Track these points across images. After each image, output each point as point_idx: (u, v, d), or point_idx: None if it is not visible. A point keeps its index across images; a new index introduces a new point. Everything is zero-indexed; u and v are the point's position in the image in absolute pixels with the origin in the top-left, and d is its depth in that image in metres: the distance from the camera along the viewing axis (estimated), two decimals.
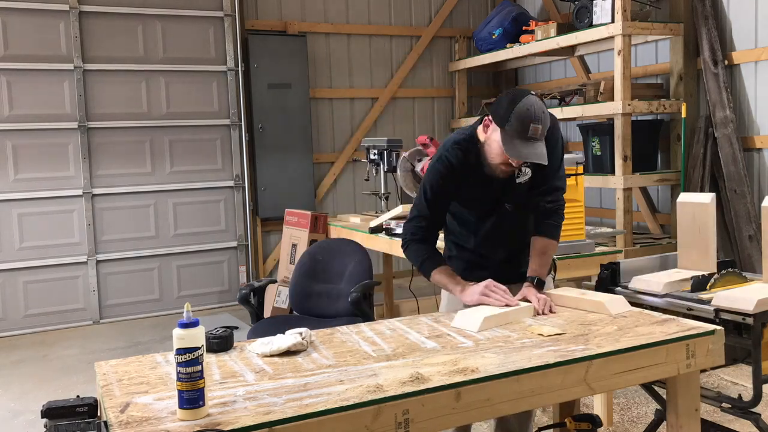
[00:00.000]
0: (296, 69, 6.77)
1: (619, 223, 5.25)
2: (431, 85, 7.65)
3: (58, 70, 6.06)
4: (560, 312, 2.50)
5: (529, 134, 2.41)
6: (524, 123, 2.40)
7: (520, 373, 1.91)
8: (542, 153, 2.45)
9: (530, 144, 2.42)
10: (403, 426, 1.75)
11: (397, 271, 6.31)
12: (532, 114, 2.41)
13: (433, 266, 2.63)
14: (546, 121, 2.45)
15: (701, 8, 5.32)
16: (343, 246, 4.10)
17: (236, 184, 6.73)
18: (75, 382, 4.69)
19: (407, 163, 4.50)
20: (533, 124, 2.40)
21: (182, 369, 1.69)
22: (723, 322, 2.37)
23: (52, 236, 6.09)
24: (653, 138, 5.73)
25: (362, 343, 2.22)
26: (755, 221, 4.97)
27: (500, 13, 6.88)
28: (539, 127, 2.41)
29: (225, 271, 6.77)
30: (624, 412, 3.80)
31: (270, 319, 4.10)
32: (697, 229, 2.83)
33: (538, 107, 2.44)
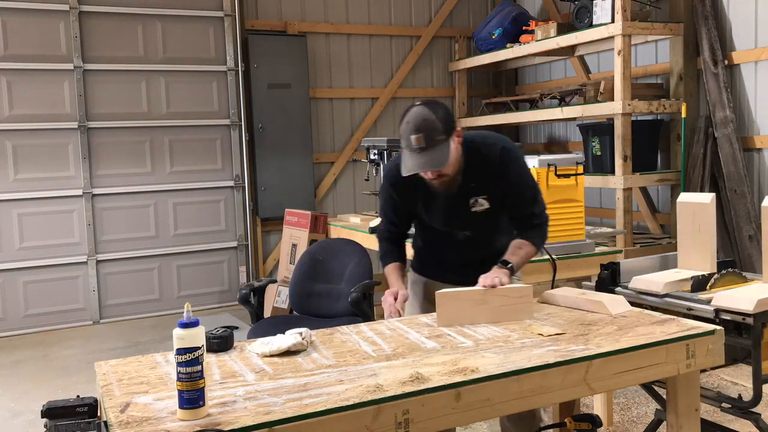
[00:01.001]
0: (296, 69, 6.77)
1: (619, 223, 5.25)
2: (431, 85, 7.65)
3: (58, 70, 6.06)
4: (560, 312, 2.50)
5: (413, 145, 2.44)
6: (405, 136, 2.47)
7: (520, 373, 1.91)
8: (431, 161, 2.44)
9: (416, 155, 2.45)
10: (403, 426, 1.75)
11: None
12: (410, 126, 2.44)
13: (387, 262, 2.85)
14: (432, 126, 2.42)
15: (701, 8, 5.32)
16: (343, 246, 4.10)
17: (236, 184, 6.73)
18: (75, 382, 4.70)
19: None
20: (412, 135, 2.43)
21: (182, 369, 1.69)
22: (723, 322, 2.37)
23: (52, 236, 6.09)
24: (653, 138, 5.73)
25: (362, 343, 2.22)
26: (755, 221, 4.97)
27: (500, 13, 6.88)
28: (420, 135, 2.42)
29: (225, 271, 6.77)
30: (624, 412, 3.80)
31: (270, 319, 4.11)
32: (697, 229, 2.83)
33: (418, 116, 2.44)
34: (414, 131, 2.42)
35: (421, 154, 2.44)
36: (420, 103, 2.50)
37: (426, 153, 2.43)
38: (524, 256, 2.64)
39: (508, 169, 2.60)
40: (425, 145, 2.42)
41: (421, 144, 2.42)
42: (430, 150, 2.43)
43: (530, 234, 2.67)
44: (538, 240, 2.69)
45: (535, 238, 2.68)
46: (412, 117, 2.46)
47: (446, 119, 2.48)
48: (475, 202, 2.63)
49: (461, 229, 2.71)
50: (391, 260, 2.83)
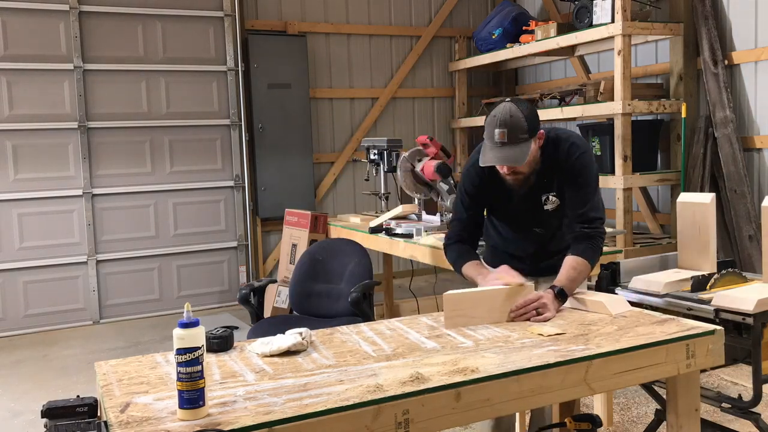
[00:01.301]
0: (296, 69, 6.77)
1: (619, 223, 5.25)
2: (431, 85, 7.65)
3: (58, 70, 6.06)
4: (560, 312, 2.50)
5: (496, 139, 2.49)
6: (489, 129, 2.52)
7: (520, 373, 1.91)
8: (510, 156, 2.49)
9: (497, 148, 2.50)
10: (403, 426, 1.75)
11: (397, 271, 6.31)
12: (497, 120, 2.50)
13: (463, 263, 2.72)
14: (516, 124, 2.47)
15: (701, 8, 5.32)
16: (343, 246, 4.10)
17: (236, 184, 6.73)
18: (75, 382, 4.70)
19: (407, 163, 4.50)
20: (497, 129, 2.48)
21: (182, 369, 1.69)
22: (723, 322, 2.37)
23: (52, 236, 6.09)
24: (653, 138, 5.73)
25: (362, 343, 2.22)
26: (755, 221, 4.97)
27: (500, 13, 6.88)
28: (504, 131, 2.47)
29: (225, 271, 6.77)
30: (624, 412, 3.80)
31: (270, 319, 4.10)
32: (697, 229, 2.83)
33: (505, 112, 2.49)
34: (499, 125, 2.48)
35: (502, 149, 2.50)
36: (510, 100, 2.55)
37: (507, 148, 2.49)
38: (578, 278, 2.57)
39: (573, 164, 2.63)
40: (507, 140, 2.48)
41: (503, 139, 2.48)
42: (512, 146, 2.49)
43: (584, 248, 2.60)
44: (592, 256, 2.61)
45: (590, 252, 2.60)
46: (500, 111, 2.51)
47: (532, 119, 2.53)
48: (547, 199, 2.68)
49: (535, 227, 2.76)
50: (469, 259, 2.71)
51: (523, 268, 2.73)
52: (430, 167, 4.26)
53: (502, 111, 2.50)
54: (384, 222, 4.59)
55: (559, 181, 2.68)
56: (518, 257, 2.86)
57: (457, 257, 2.75)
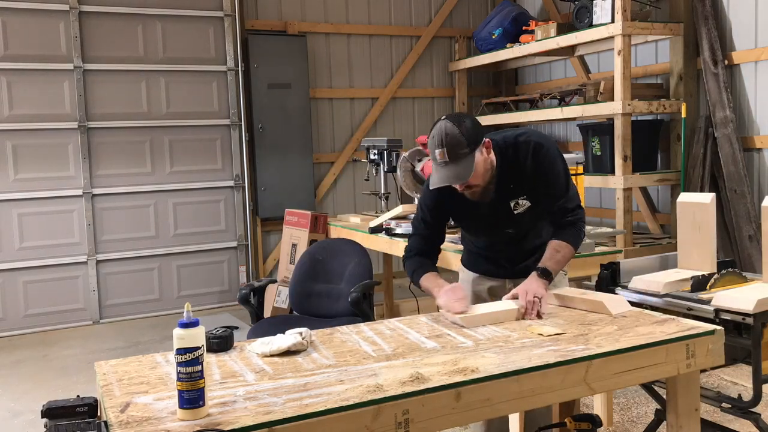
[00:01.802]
0: (296, 69, 6.77)
1: (619, 223, 5.25)
2: (431, 85, 7.65)
3: (58, 70, 6.06)
4: (560, 312, 2.50)
5: (438, 160, 2.49)
6: (431, 150, 2.52)
7: (520, 373, 1.91)
8: (454, 174, 2.48)
9: (441, 168, 2.50)
10: (403, 426, 1.75)
11: (397, 271, 6.30)
12: (435, 141, 2.49)
13: (420, 275, 2.71)
14: (454, 141, 2.45)
15: (701, 8, 5.32)
16: (343, 246, 4.10)
17: (236, 184, 6.73)
18: (75, 382, 4.69)
19: (407, 163, 4.50)
20: (436, 149, 2.48)
21: (182, 369, 1.69)
22: (723, 322, 2.37)
23: (52, 236, 6.09)
24: (653, 138, 5.73)
25: (362, 343, 2.22)
26: (755, 221, 4.97)
27: (500, 13, 6.88)
28: (443, 150, 2.46)
29: (225, 271, 6.77)
30: (624, 412, 3.80)
31: (270, 319, 4.10)
32: (697, 229, 2.83)
33: (441, 132, 2.47)
34: (437, 146, 2.47)
35: (445, 168, 2.49)
36: (445, 118, 2.53)
37: (450, 167, 2.48)
38: (561, 260, 2.63)
39: (538, 163, 2.62)
40: (448, 159, 2.47)
41: (444, 158, 2.47)
42: (454, 164, 2.47)
43: (566, 233, 2.67)
44: (575, 239, 2.67)
45: (572, 237, 2.67)
46: (436, 131, 2.50)
47: (470, 133, 2.49)
48: (517, 204, 2.67)
49: (505, 228, 2.75)
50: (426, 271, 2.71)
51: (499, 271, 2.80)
52: (430, 167, 4.26)
53: (438, 131, 2.48)
54: (384, 222, 4.59)
55: (527, 184, 2.65)
56: (494, 260, 2.86)
57: (415, 269, 2.74)
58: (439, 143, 2.47)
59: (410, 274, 2.78)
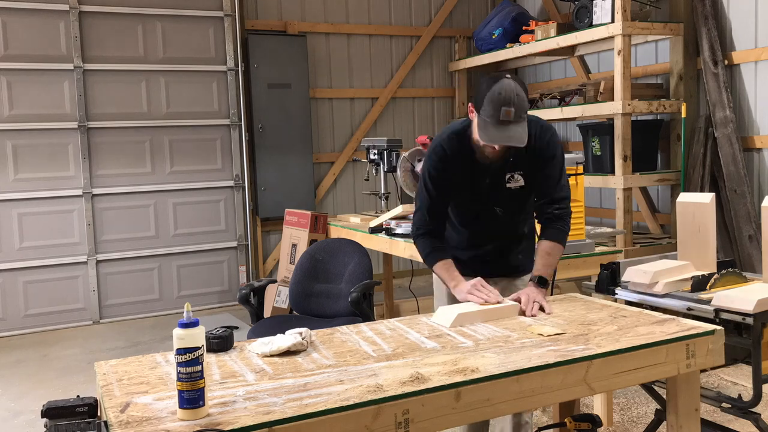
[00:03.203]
0: (296, 69, 6.77)
1: (619, 223, 5.24)
2: (431, 85, 7.65)
3: (58, 70, 6.06)
4: (560, 312, 2.50)
5: (502, 117, 2.43)
6: (496, 107, 2.43)
7: (520, 373, 1.91)
8: (517, 136, 2.45)
9: (504, 127, 2.44)
10: (403, 426, 1.75)
11: (397, 271, 6.31)
12: (503, 97, 2.42)
13: (435, 260, 2.70)
14: (522, 103, 2.45)
15: (701, 8, 5.32)
16: (343, 246, 4.10)
17: (236, 184, 6.73)
18: (75, 382, 4.69)
19: (407, 163, 4.50)
20: (504, 107, 2.41)
21: (182, 369, 1.69)
22: (723, 322, 2.37)
23: (52, 236, 6.09)
24: (653, 138, 5.73)
25: (362, 343, 2.22)
26: (755, 221, 4.97)
27: (500, 13, 6.88)
28: (511, 110, 2.42)
29: (225, 271, 6.77)
30: (624, 412, 3.80)
31: (270, 319, 4.10)
32: (697, 229, 2.83)
33: (511, 90, 2.44)
34: (506, 103, 2.42)
35: (509, 128, 2.44)
36: (509, 77, 2.49)
37: (512, 127, 2.44)
38: (553, 262, 2.69)
39: (542, 146, 2.64)
40: (513, 119, 2.43)
41: (510, 117, 2.42)
42: (517, 124, 2.45)
43: (554, 231, 2.69)
44: (562, 237, 2.70)
45: (560, 235, 2.69)
46: (505, 89, 2.44)
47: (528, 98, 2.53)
48: (511, 177, 2.66)
49: (495, 205, 2.73)
50: (441, 257, 2.69)
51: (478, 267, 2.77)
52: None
53: (508, 88, 2.43)
54: (384, 222, 4.59)
55: (528, 163, 2.65)
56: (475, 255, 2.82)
57: (430, 251, 2.72)
58: (509, 101, 2.41)
59: (423, 255, 2.75)
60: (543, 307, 2.50)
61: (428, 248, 2.72)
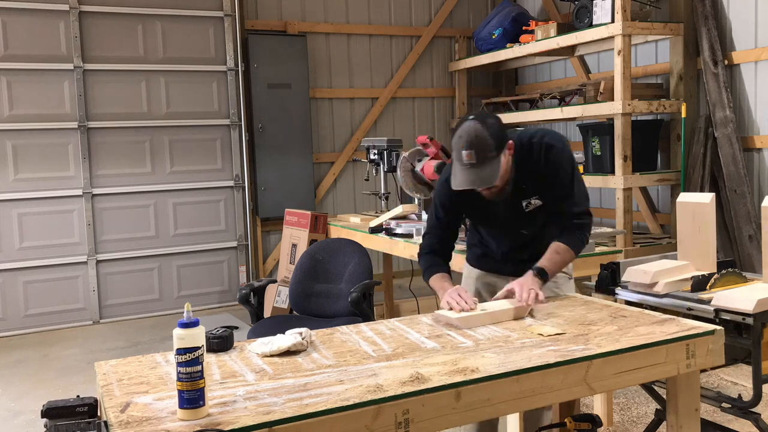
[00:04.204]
0: (296, 69, 6.77)
1: (619, 223, 5.24)
2: (431, 85, 7.65)
3: (58, 70, 6.06)
4: (560, 312, 2.50)
5: (464, 161, 2.45)
6: (456, 150, 2.48)
7: (520, 373, 1.91)
8: (480, 178, 2.46)
9: (467, 171, 2.46)
10: (403, 426, 1.75)
11: (397, 271, 6.31)
12: (463, 141, 2.45)
13: (431, 274, 2.77)
14: (482, 145, 2.43)
15: (701, 8, 5.32)
16: (343, 246, 4.10)
17: (236, 184, 6.73)
18: (75, 382, 4.69)
19: (407, 163, 4.50)
20: (464, 150, 2.44)
21: (182, 369, 1.69)
22: (723, 322, 2.37)
23: (52, 236, 6.09)
24: (653, 138, 5.73)
25: (362, 343, 2.22)
26: (755, 221, 4.97)
27: (500, 13, 6.88)
28: (471, 152, 2.43)
29: (225, 271, 6.77)
30: (624, 412, 3.80)
31: (270, 319, 4.10)
32: (697, 229, 2.83)
33: (470, 133, 2.44)
34: (465, 147, 2.44)
35: (471, 170, 2.46)
36: (473, 118, 2.50)
37: (477, 169, 2.46)
38: (560, 262, 2.63)
39: (547, 162, 2.61)
40: (476, 161, 2.44)
41: (471, 160, 2.44)
42: (481, 166, 2.45)
43: (568, 236, 2.65)
44: (576, 244, 2.66)
45: (573, 240, 2.65)
46: (464, 132, 2.46)
47: (498, 136, 2.48)
48: (529, 203, 2.66)
49: (518, 228, 2.74)
50: (437, 271, 2.75)
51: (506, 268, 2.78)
52: (430, 167, 4.26)
53: (467, 131, 2.45)
54: (384, 222, 4.60)
55: (539, 183, 2.65)
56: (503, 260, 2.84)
57: (427, 267, 2.80)
58: (468, 144, 2.43)
59: (423, 271, 2.83)
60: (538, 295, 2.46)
61: (427, 265, 2.81)
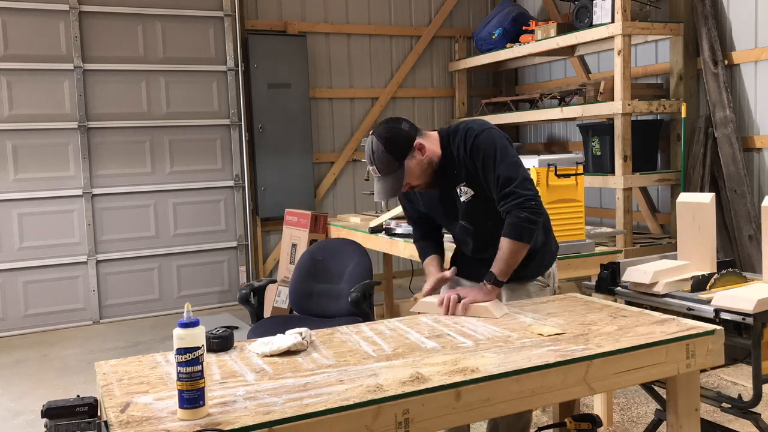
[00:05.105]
0: (296, 69, 6.77)
1: (619, 223, 5.25)
2: (431, 85, 7.65)
3: (58, 70, 6.06)
4: (560, 312, 2.50)
5: (373, 174, 2.63)
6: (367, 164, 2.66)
7: (520, 373, 1.91)
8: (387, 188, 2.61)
9: (378, 182, 2.64)
10: (403, 426, 1.75)
11: (397, 271, 6.31)
12: (366, 156, 2.63)
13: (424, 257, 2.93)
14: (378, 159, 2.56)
15: (701, 8, 5.32)
16: (343, 246, 4.10)
17: (236, 184, 6.73)
18: (75, 382, 4.69)
19: None
20: (369, 165, 2.62)
21: (182, 369, 1.69)
22: (723, 322, 2.37)
23: (52, 236, 6.09)
24: (653, 138, 5.73)
25: (362, 343, 2.22)
26: (755, 221, 4.97)
27: (500, 13, 6.88)
28: (373, 167, 2.59)
29: (225, 271, 6.77)
30: (624, 412, 3.80)
31: (270, 319, 4.10)
32: (697, 229, 2.83)
33: (368, 149, 2.61)
34: (368, 162, 2.61)
35: (380, 182, 2.62)
36: (373, 132, 2.62)
37: (382, 181, 2.60)
38: (507, 258, 2.52)
39: (469, 147, 2.60)
40: (380, 174, 2.59)
41: (376, 174, 2.60)
42: (386, 177, 2.59)
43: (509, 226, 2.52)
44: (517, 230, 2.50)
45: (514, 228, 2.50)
46: (367, 148, 2.62)
47: (395, 146, 2.56)
48: (461, 190, 2.67)
49: (459, 220, 2.75)
50: (428, 253, 2.90)
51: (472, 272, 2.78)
52: None
53: (367, 148, 2.61)
54: (384, 222, 4.60)
55: (467, 171, 2.61)
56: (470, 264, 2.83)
57: (420, 252, 2.96)
58: (369, 160, 2.60)
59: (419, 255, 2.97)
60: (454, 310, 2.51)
61: (420, 250, 2.97)
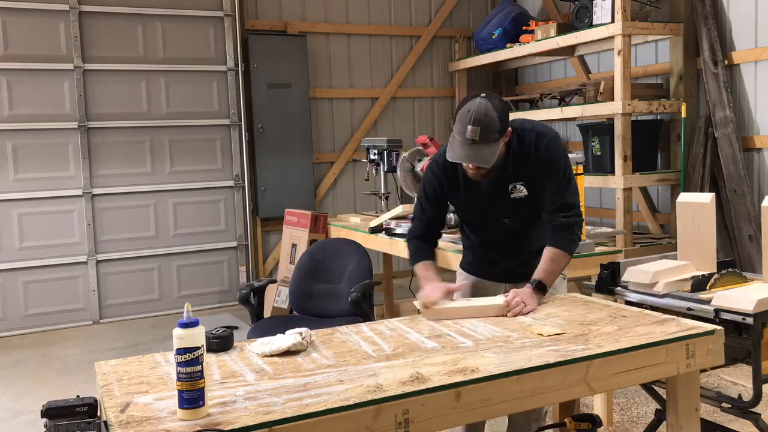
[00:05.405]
0: (296, 69, 6.77)
1: (619, 223, 5.24)
2: (431, 85, 7.65)
3: (58, 70, 6.06)
4: (560, 312, 2.50)
5: (467, 135, 2.45)
6: (463, 124, 2.46)
7: (520, 373, 1.91)
8: (479, 155, 2.47)
9: (466, 146, 2.47)
10: (403, 426, 1.75)
11: (397, 271, 6.31)
12: (469, 116, 2.45)
13: (417, 260, 2.78)
14: (490, 124, 2.44)
15: (701, 8, 5.32)
16: (343, 246, 4.10)
17: (236, 184, 6.73)
18: (75, 382, 4.69)
19: (407, 163, 4.50)
20: (469, 125, 2.44)
21: (182, 369, 1.69)
22: (723, 322, 2.37)
23: (52, 236, 6.09)
24: (653, 138, 5.73)
25: (362, 343, 2.22)
26: (755, 221, 4.97)
27: (500, 13, 6.88)
28: (476, 129, 2.43)
29: (225, 271, 6.77)
30: (624, 412, 3.80)
31: (270, 319, 4.10)
32: (697, 229, 2.82)
33: (480, 110, 2.44)
34: (473, 122, 2.44)
35: (472, 147, 2.46)
36: (485, 96, 2.50)
37: (477, 147, 2.46)
38: (557, 270, 2.62)
39: (540, 154, 2.61)
40: (479, 139, 2.44)
41: (474, 137, 2.44)
42: (482, 145, 2.46)
43: (561, 238, 2.62)
44: (569, 245, 2.63)
45: (567, 243, 2.62)
46: (474, 108, 2.46)
47: (504, 119, 2.50)
48: (514, 188, 2.66)
49: (501, 216, 2.73)
50: (422, 258, 2.77)
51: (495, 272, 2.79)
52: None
53: (477, 108, 2.45)
54: (384, 222, 4.59)
55: (528, 172, 2.64)
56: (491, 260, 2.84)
57: (413, 253, 2.80)
58: (476, 120, 2.43)
59: (409, 256, 2.84)
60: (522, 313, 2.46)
61: (414, 250, 2.81)
